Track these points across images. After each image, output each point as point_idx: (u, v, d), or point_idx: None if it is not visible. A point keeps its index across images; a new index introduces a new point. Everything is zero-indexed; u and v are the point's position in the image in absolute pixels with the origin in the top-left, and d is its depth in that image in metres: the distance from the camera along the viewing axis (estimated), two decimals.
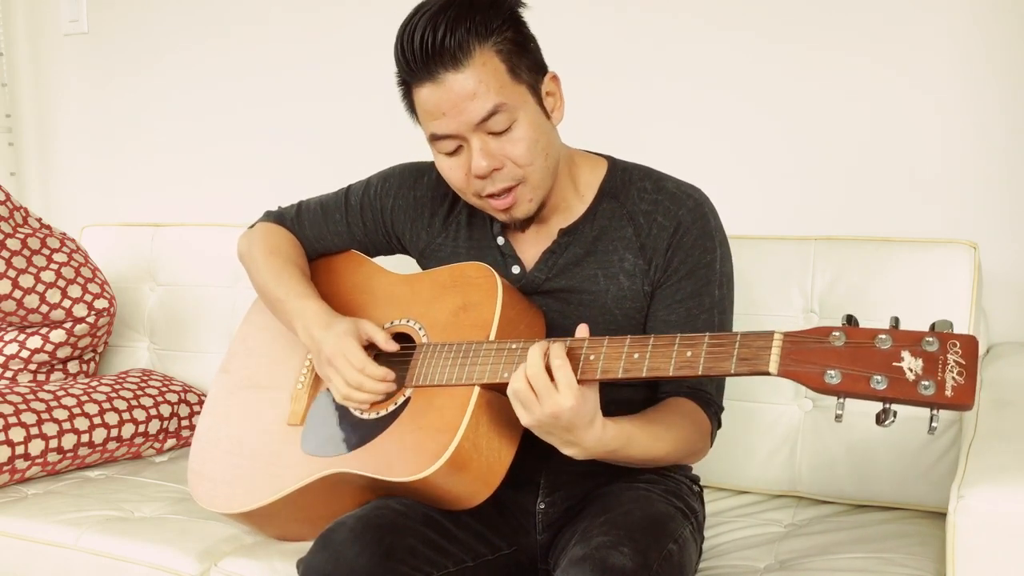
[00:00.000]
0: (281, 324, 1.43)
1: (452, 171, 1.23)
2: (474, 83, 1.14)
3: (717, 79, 1.88)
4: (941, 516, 1.37)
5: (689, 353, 1.02)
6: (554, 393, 1.04)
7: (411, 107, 1.24)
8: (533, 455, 1.23)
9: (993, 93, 1.68)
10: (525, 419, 1.07)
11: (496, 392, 1.19)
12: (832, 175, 1.81)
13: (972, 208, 1.71)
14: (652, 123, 1.94)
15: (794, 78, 1.81)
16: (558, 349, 1.06)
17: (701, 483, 1.42)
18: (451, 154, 1.21)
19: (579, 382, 1.05)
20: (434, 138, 1.21)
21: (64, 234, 2.06)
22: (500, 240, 1.34)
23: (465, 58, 1.14)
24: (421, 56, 1.14)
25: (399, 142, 1.61)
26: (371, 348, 1.31)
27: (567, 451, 1.09)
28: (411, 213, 1.42)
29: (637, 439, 1.13)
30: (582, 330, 1.10)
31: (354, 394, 1.26)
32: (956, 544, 1.04)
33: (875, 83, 1.75)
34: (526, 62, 1.20)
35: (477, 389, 1.17)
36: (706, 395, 1.27)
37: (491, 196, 1.22)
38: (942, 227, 1.71)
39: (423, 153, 1.45)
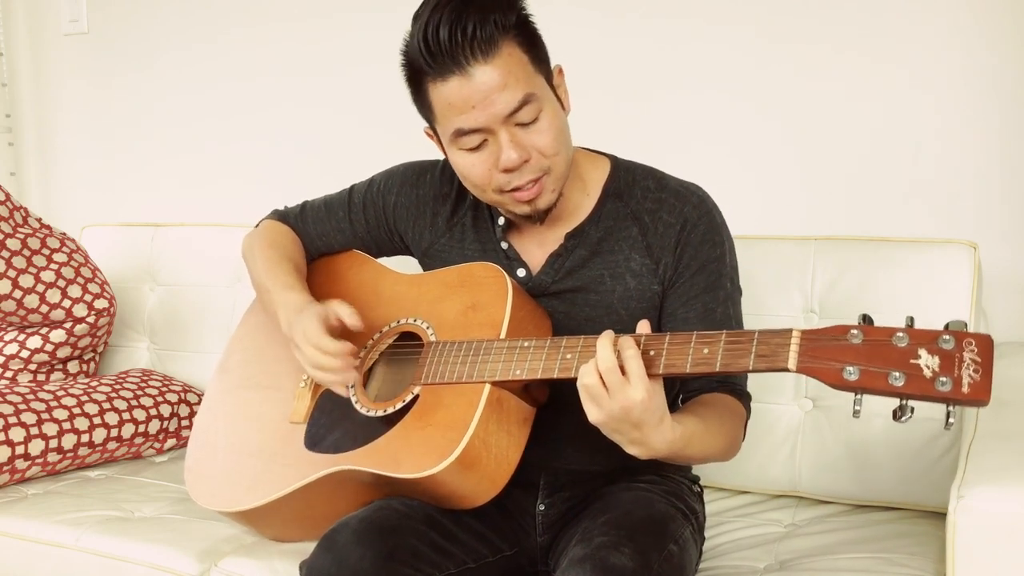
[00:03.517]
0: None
1: (474, 167, 1.20)
2: (502, 74, 1.13)
3: (717, 79, 1.88)
4: (941, 516, 1.37)
5: (706, 350, 1.03)
6: (626, 386, 1.02)
7: (424, 105, 1.21)
8: (532, 456, 1.23)
9: (993, 93, 1.68)
10: (594, 415, 1.04)
11: (506, 390, 1.19)
12: (832, 175, 1.81)
13: (972, 208, 1.71)
14: (653, 123, 1.94)
15: (794, 77, 1.82)
16: (630, 341, 1.04)
17: (701, 483, 1.42)
18: (473, 150, 1.19)
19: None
20: (459, 134, 1.17)
21: (64, 234, 2.06)
22: (504, 244, 1.33)
23: (493, 49, 1.13)
24: (450, 48, 1.12)
25: (399, 144, 1.61)
26: (367, 338, 1.30)
27: (631, 450, 1.06)
28: (413, 212, 1.42)
29: (698, 438, 1.12)
30: (643, 326, 1.08)
31: (316, 373, 1.26)
32: (956, 544, 1.05)
33: (875, 82, 1.75)
34: (540, 54, 1.20)
35: (488, 387, 1.17)
36: (738, 386, 1.27)
37: (516, 190, 1.20)
38: (942, 227, 1.71)
39: (423, 154, 1.45)
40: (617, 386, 1.02)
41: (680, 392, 1.28)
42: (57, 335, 2.00)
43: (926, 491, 1.50)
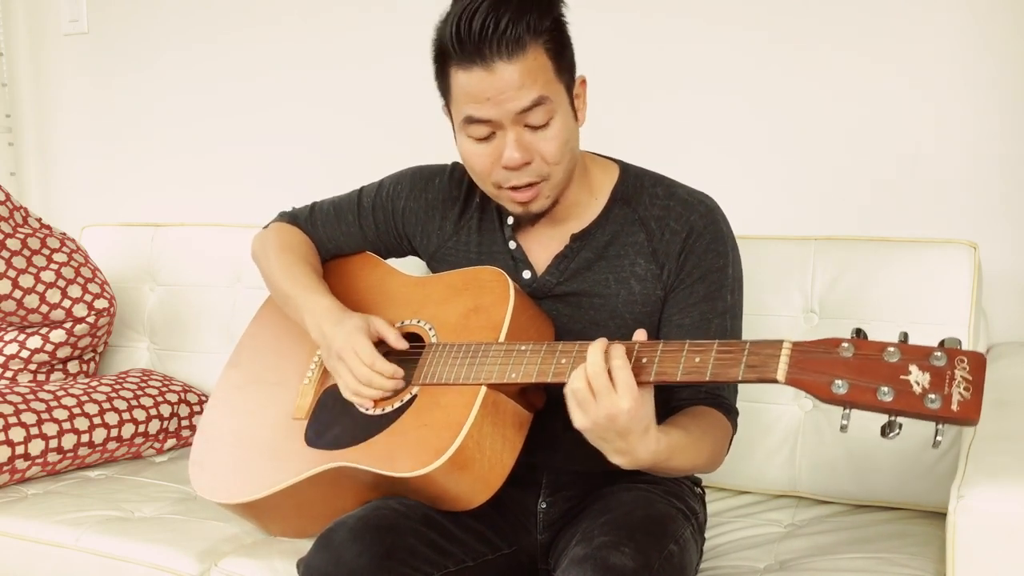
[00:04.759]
0: (291, 321, 1.44)
1: (478, 157, 1.22)
2: (522, 74, 1.15)
3: (717, 79, 1.88)
4: (941, 516, 1.37)
5: (698, 359, 1.03)
6: (612, 394, 1.02)
7: (444, 85, 1.23)
8: (536, 454, 1.23)
9: (993, 93, 1.68)
10: (579, 420, 1.05)
11: (503, 394, 1.19)
12: (832, 175, 1.81)
13: (972, 208, 1.71)
14: (653, 124, 1.94)
15: (794, 77, 1.82)
16: (619, 350, 1.05)
17: (703, 485, 1.42)
18: (481, 140, 1.21)
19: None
20: (469, 121, 1.19)
21: (64, 234, 2.06)
22: (512, 244, 1.34)
23: (520, 50, 1.14)
24: (479, 39, 1.13)
25: (400, 144, 1.62)
26: (381, 345, 1.32)
27: (616, 459, 1.07)
28: (422, 216, 1.43)
29: (682, 450, 1.13)
30: (639, 334, 1.09)
31: (362, 389, 1.27)
32: (956, 544, 1.05)
33: (875, 82, 1.75)
34: (565, 63, 1.21)
35: (484, 389, 1.17)
36: (726, 401, 1.28)
37: (512, 188, 1.22)
38: (942, 227, 1.71)
39: (423, 153, 1.45)
40: (604, 393, 1.02)
41: (668, 404, 1.28)
42: (57, 335, 2.00)
43: (926, 491, 1.50)
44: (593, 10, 1.95)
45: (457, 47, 1.16)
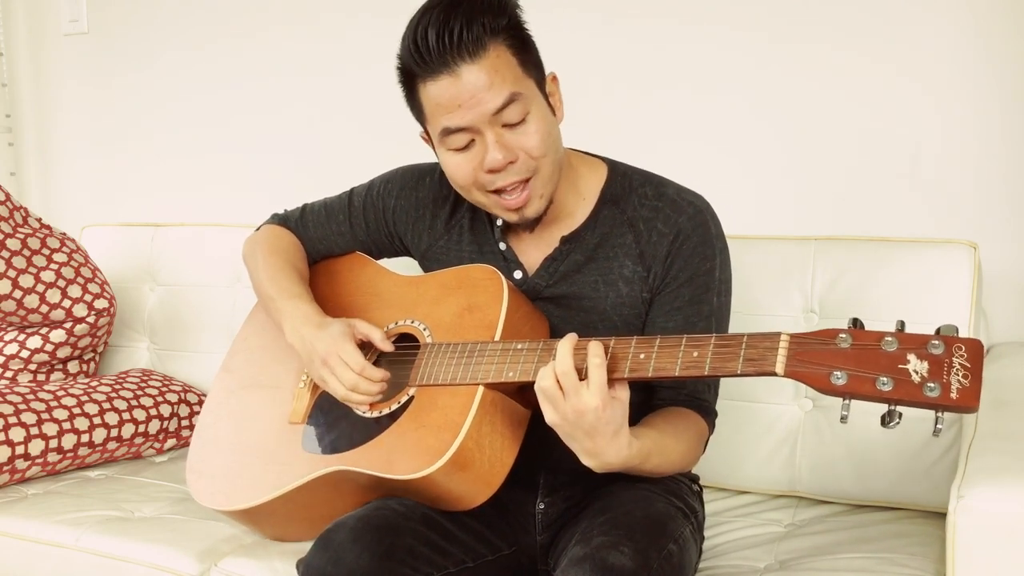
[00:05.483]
0: None
1: (460, 167, 1.22)
2: (489, 73, 1.15)
3: (716, 80, 1.88)
4: (941, 516, 1.37)
5: (696, 353, 1.03)
6: (583, 391, 1.03)
7: (416, 106, 1.23)
8: (533, 455, 1.23)
9: (993, 93, 1.68)
10: (549, 415, 1.06)
11: (500, 392, 1.19)
12: (832, 175, 1.81)
13: (972, 208, 1.71)
14: (652, 125, 1.94)
15: (794, 77, 1.82)
16: (597, 348, 1.05)
17: (701, 483, 1.42)
18: (461, 150, 1.20)
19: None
20: (446, 132, 1.19)
21: (64, 234, 2.06)
22: (502, 245, 1.34)
23: (481, 50, 1.15)
24: (438, 48, 1.14)
25: (397, 147, 1.61)
26: (370, 348, 1.31)
27: (586, 461, 1.08)
28: (412, 214, 1.43)
29: (654, 456, 1.14)
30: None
31: (351, 395, 1.27)
32: (956, 544, 1.05)
33: (875, 82, 1.75)
34: (531, 59, 1.21)
35: (481, 388, 1.17)
36: (705, 403, 1.28)
37: (501, 192, 1.21)
38: (942, 227, 1.71)
39: (421, 156, 1.45)
40: (572, 390, 1.04)
41: (647, 404, 1.28)
42: (57, 335, 2.00)
43: (926, 491, 1.50)
44: (592, 11, 1.95)
45: (420, 63, 1.16)
